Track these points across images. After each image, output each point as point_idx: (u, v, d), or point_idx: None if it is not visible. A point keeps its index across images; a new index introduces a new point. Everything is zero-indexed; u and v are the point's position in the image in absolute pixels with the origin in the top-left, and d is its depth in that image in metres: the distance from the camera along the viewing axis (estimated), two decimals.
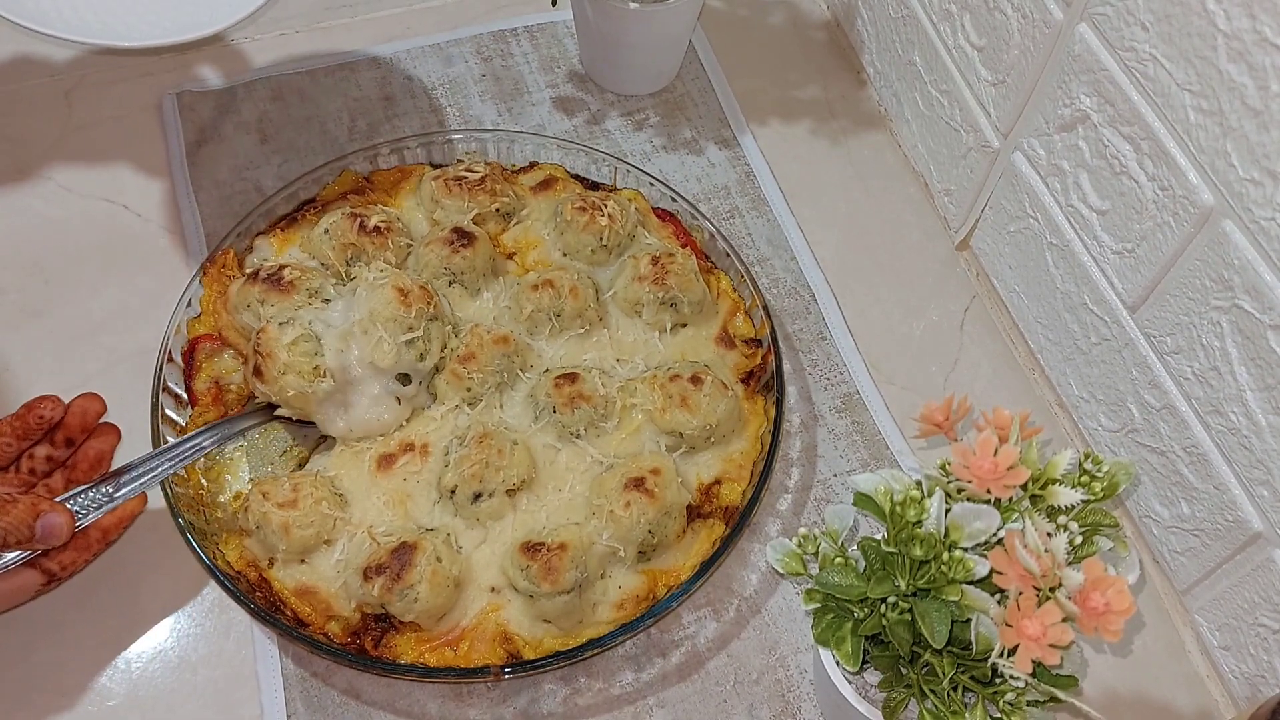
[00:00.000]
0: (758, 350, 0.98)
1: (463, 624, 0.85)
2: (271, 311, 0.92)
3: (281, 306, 0.93)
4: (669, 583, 0.87)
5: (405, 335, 0.89)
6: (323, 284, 0.95)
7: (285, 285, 0.93)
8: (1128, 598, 0.62)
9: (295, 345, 0.89)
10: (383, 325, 0.89)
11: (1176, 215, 0.80)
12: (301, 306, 0.92)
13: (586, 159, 1.07)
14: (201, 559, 0.84)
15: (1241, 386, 0.78)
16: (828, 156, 1.18)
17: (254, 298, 0.94)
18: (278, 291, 0.93)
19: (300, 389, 0.88)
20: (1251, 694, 0.85)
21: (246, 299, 0.94)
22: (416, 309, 0.90)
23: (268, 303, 0.93)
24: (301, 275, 0.95)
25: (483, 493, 0.87)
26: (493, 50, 1.23)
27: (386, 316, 0.89)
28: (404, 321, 0.90)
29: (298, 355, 0.88)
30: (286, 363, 0.88)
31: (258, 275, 0.95)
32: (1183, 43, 0.74)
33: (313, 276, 0.95)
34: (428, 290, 0.92)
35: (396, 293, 0.90)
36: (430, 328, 0.91)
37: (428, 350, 0.91)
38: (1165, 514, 0.90)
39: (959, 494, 0.69)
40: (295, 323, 0.90)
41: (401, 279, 0.91)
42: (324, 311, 0.93)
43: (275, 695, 0.86)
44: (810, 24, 1.29)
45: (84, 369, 1.01)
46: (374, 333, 0.89)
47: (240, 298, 0.95)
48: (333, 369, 0.89)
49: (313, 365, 0.89)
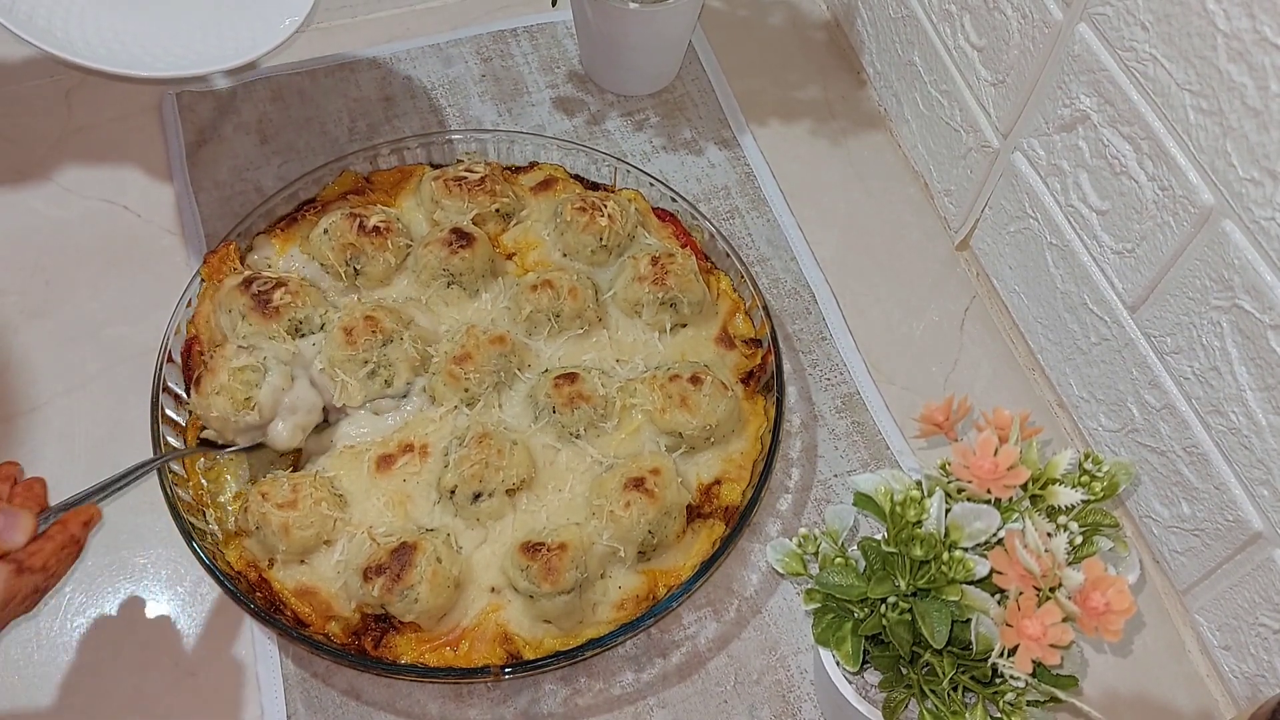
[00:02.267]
0: (758, 350, 0.98)
1: (463, 624, 0.85)
2: (245, 331, 0.93)
3: (255, 331, 0.93)
4: (669, 583, 0.87)
5: (363, 370, 0.91)
6: (310, 314, 0.95)
7: (270, 310, 0.93)
8: (1128, 598, 0.62)
9: (240, 372, 0.89)
10: (340, 369, 0.91)
11: (1176, 215, 0.80)
12: (274, 337, 0.93)
13: (586, 159, 1.07)
14: (201, 559, 0.84)
15: (1241, 386, 0.78)
16: (828, 156, 1.18)
17: (237, 308, 0.94)
18: (260, 314, 0.93)
19: (224, 414, 0.89)
20: (1252, 694, 0.85)
21: (230, 304, 0.94)
22: (363, 342, 0.91)
23: (247, 319, 0.93)
24: (292, 301, 0.94)
25: (482, 493, 0.87)
26: (493, 51, 1.23)
27: (341, 359, 0.91)
28: (357, 359, 0.91)
29: (237, 382, 0.89)
30: (224, 384, 0.89)
31: (250, 285, 0.94)
32: (1182, 42, 0.74)
33: (304, 302, 0.94)
34: (373, 318, 0.92)
35: (343, 334, 0.92)
36: (386, 352, 0.92)
37: (393, 375, 0.92)
38: (1165, 514, 0.90)
39: (959, 494, 0.69)
40: (254, 351, 0.91)
41: (350, 315, 0.93)
42: (292, 344, 0.93)
43: (275, 695, 0.86)
44: (810, 24, 1.29)
45: (84, 369, 1.01)
46: (337, 378, 0.92)
47: (227, 300, 0.95)
48: (263, 405, 0.89)
49: (246, 395, 0.89)
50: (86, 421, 0.98)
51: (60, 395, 0.99)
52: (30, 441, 0.96)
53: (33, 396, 0.98)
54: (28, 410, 0.98)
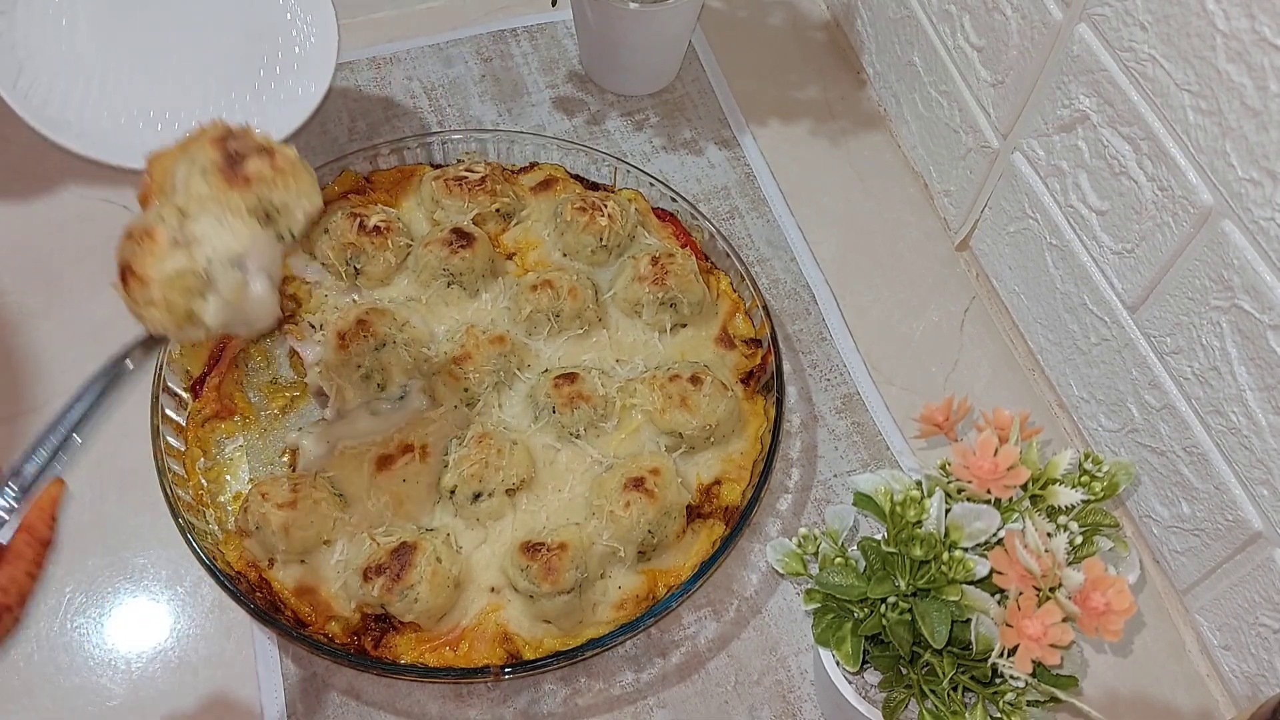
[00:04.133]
0: (758, 350, 0.98)
1: (463, 624, 0.85)
2: (199, 192, 0.70)
3: (210, 197, 0.70)
4: (669, 583, 0.87)
5: (357, 374, 0.91)
6: (291, 203, 0.73)
7: (239, 178, 0.71)
8: (1128, 597, 0.62)
9: (177, 279, 0.70)
10: (336, 374, 0.91)
11: (1176, 215, 0.80)
12: (234, 213, 0.71)
13: (586, 159, 1.07)
14: (201, 559, 0.84)
15: (1241, 386, 0.78)
16: (828, 157, 1.18)
17: (202, 161, 0.71)
18: (225, 179, 0.71)
19: (163, 328, 0.72)
20: (1252, 693, 0.85)
21: (197, 154, 0.72)
22: (355, 348, 0.91)
23: (207, 178, 0.70)
24: (272, 178, 0.72)
25: (482, 493, 0.87)
26: (492, 51, 1.24)
27: (335, 363, 0.91)
28: (350, 362, 0.91)
29: (175, 292, 0.70)
30: (157, 299, 0.70)
31: (227, 141, 0.72)
32: (1182, 43, 0.74)
33: (288, 185, 0.72)
34: (366, 322, 0.92)
35: (336, 338, 0.91)
36: (380, 356, 0.92)
37: (387, 378, 0.92)
38: (1165, 514, 0.90)
39: (959, 494, 0.69)
40: (192, 248, 0.70)
41: (344, 319, 0.92)
42: (253, 227, 0.71)
43: (275, 695, 0.86)
44: (810, 24, 1.29)
45: (84, 369, 1.00)
46: (334, 382, 0.91)
47: (195, 147, 0.72)
48: (210, 324, 0.72)
49: (187, 309, 0.71)
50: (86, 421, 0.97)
51: (60, 395, 0.99)
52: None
53: (33, 396, 0.98)
54: (28, 410, 0.98)
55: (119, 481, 0.95)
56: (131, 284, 0.71)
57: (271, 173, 0.72)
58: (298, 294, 0.97)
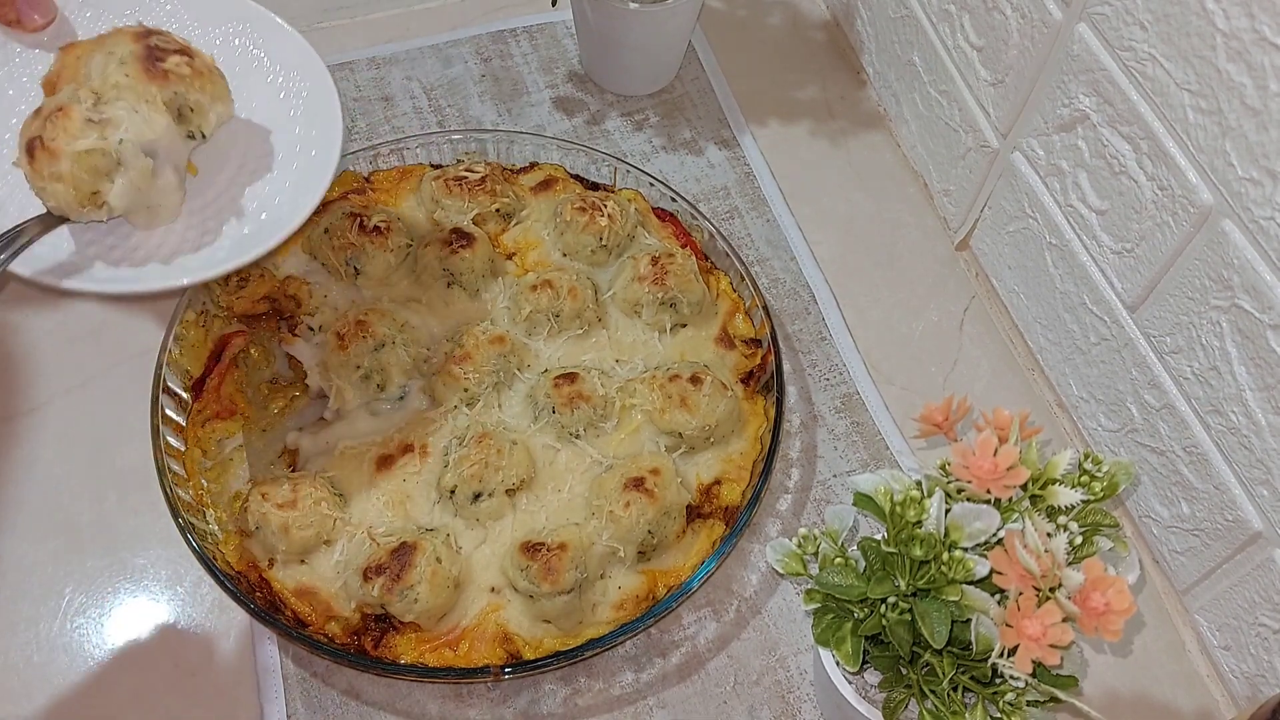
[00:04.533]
0: (757, 350, 0.98)
1: (463, 624, 0.85)
2: (116, 80, 0.71)
3: (125, 87, 0.72)
4: (669, 583, 0.87)
5: (356, 374, 0.92)
6: (207, 108, 0.76)
7: (157, 72, 0.73)
8: (1128, 598, 0.62)
9: (86, 157, 0.70)
10: (336, 374, 0.92)
11: (1176, 215, 0.80)
12: (149, 104, 0.71)
13: (586, 159, 1.07)
14: (201, 559, 0.84)
15: (1241, 386, 0.78)
16: (827, 156, 1.18)
17: (120, 52, 0.73)
18: (144, 72, 0.72)
19: (65, 205, 0.72)
20: (1252, 693, 0.85)
21: (115, 45, 0.74)
22: (354, 349, 0.91)
23: (125, 67, 0.72)
24: (189, 77, 0.73)
25: (482, 493, 0.87)
26: (492, 51, 1.23)
27: (334, 364, 0.92)
28: (349, 363, 0.92)
29: (82, 169, 0.70)
30: (65, 172, 0.70)
31: (149, 36, 0.74)
32: (1181, 42, 0.74)
33: (203, 88, 0.75)
34: (365, 322, 0.93)
35: (335, 339, 0.92)
36: (379, 356, 0.92)
37: (387, 378, 0.92)
38: (1165, 514, 0.90)
39: (959, 494, 0.69)
40: (106, 127, 0.70)
41: (342, 320, 0.93)
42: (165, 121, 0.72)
43: (275, 695, 0.86)
44: (810, 24, 1.29)
45: (84, 369, 1.01)
46: (333, 383, 0.92)
47: (113, 39, 0.75)
48: (114, 208, 0.72)
49: (93, 189, 0.71)
50: (86, 421, 0.98)
51: (60, 395, 0.99)
52: (30, 441, 0.96)
53: (33, 396, 0.98)
54: (28, 410, 0.98)
55: (119, 481, 0.95)
56: (39, 157, 0.70)
57: (190, 72, 0.73)
58: (298, 294, 0.97)
